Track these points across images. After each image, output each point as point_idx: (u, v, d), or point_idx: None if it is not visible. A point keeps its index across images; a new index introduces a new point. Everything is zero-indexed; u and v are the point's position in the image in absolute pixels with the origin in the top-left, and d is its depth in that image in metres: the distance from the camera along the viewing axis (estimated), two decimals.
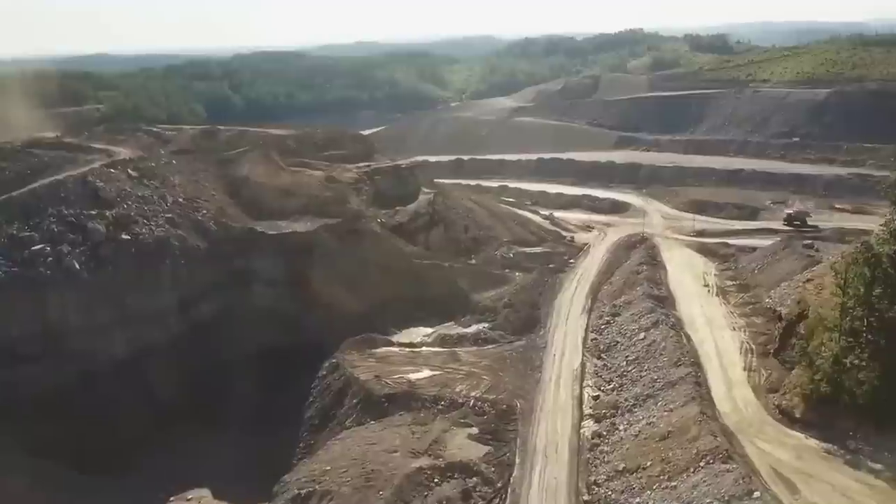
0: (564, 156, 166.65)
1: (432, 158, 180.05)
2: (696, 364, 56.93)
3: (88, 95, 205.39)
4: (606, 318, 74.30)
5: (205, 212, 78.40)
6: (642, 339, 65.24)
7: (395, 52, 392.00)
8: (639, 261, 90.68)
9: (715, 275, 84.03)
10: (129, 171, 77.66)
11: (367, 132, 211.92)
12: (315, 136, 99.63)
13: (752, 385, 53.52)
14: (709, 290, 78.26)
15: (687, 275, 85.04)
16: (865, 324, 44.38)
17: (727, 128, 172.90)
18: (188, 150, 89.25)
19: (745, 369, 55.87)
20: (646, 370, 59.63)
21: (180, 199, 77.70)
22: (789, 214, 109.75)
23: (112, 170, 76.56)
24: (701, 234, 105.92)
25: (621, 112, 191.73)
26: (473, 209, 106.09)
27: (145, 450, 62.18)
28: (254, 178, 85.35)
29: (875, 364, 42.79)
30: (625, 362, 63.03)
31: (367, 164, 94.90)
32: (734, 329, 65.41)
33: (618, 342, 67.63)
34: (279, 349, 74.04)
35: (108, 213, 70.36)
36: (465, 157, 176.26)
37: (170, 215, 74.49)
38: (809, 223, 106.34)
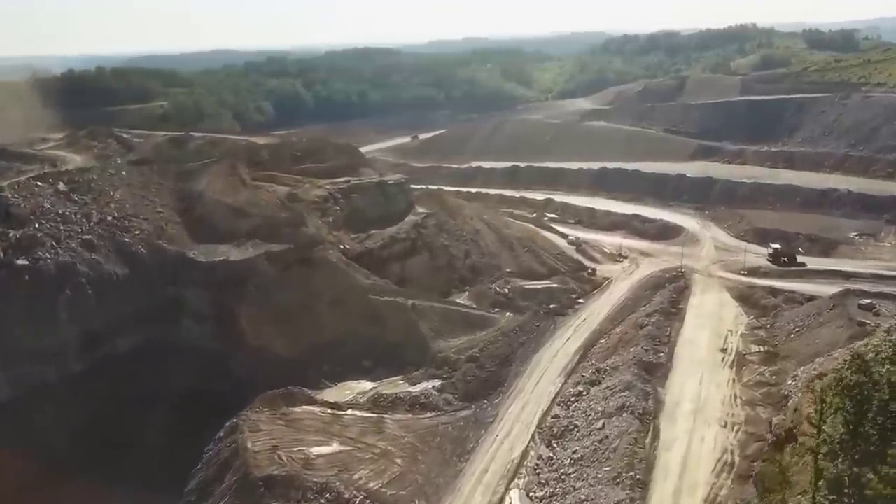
0: (631, 166, 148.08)
1: (487, 164, 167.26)
2: (642, 486, 41.70)
3: (158, 92, 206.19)
4: (581, 388, 59.45)
5: (138, 232, 69.77)
6: (599, 430, 50.33)
7: (490, 48, 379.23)
8: (655, 307, 74.45)
9: (742, 334, 66.76)
10: (60, 184, 70.11)
11: (428, 134, 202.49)
12: (294, 147, 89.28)
13: None
14: (724, 358, 61.48)
15: (706, 331, 68.17)
16: (847, 488, 28.38)
17: (826, 139, 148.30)
18: (149, 160, 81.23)
19: (705, 502, 40.10)
20: (583, 479, 45.08)
21: (110, 218, 69.41)
22: (776, 250, 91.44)
23: (39, 183, 69.35)
24: (752, 272, 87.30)
25: (704, 118, 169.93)
26: (480, 232, 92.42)
27: None
28: (209, 195, 76.06)
29: None
30: (569, 460, 48.48)
31: (346, 179, 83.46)
32: (726, 425, 49.28)
33: (576, 427, 52.91)
34: (202, 393, 64.56)
35: (11, 234, 62.68)
36: (522, 164, 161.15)
37: (88, 237, 66.17)
38: (798, 260, 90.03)
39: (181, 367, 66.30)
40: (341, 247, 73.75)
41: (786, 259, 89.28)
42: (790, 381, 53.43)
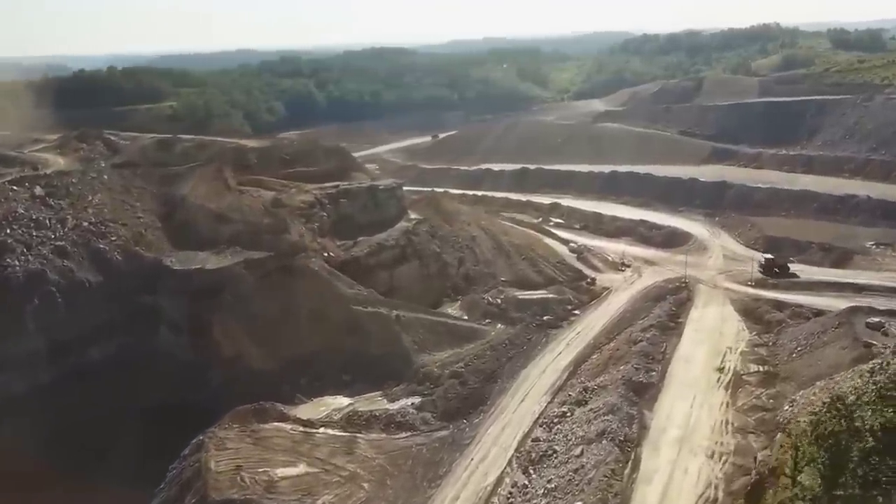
0: (643, 169, 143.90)
1: (496, 167, 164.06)
2: None
3: (169, 93, 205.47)
4: (567, 408, 56.18)
5: (114, 238, 67.78)
6: (577, 457, 47.07)
7: (509, 48, 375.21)
8: (652, 321, 70.90)
9: (742, 352, 63.00)
10: (37, 188, 68.29)
11: (442, 135, 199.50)
12: (283, 150, 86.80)
13: None
14: (719, 378, 57.84)
15: (704, 348, 64.50)
16: None
17: (846, 142, 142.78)
18: (134, 163, 79.28)
19: None
20: None
21: (86, 223, 67.46)
22: (768, 260, 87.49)
23: (15, 187, 67.55)
24: (760, 283, 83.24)
25: (720, 120, 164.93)
26: (477, 238, 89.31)
27: None
28: (192, 199, 73.93)
29: None
30: (543, 489, 45.32)
31: (335, 183, 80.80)
32: (713, 455, 45.74)
33: (555, 452, 49.67)
34: (177, 406, 62.34)
35: None
36: (532, 167, 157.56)
37: (61, 243, 64.25)
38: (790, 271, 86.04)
39: (156, 378, 64.23)
40: (325, 254, 71.11)
41: (777, 270, 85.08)
42: (787, 407, 49.76)
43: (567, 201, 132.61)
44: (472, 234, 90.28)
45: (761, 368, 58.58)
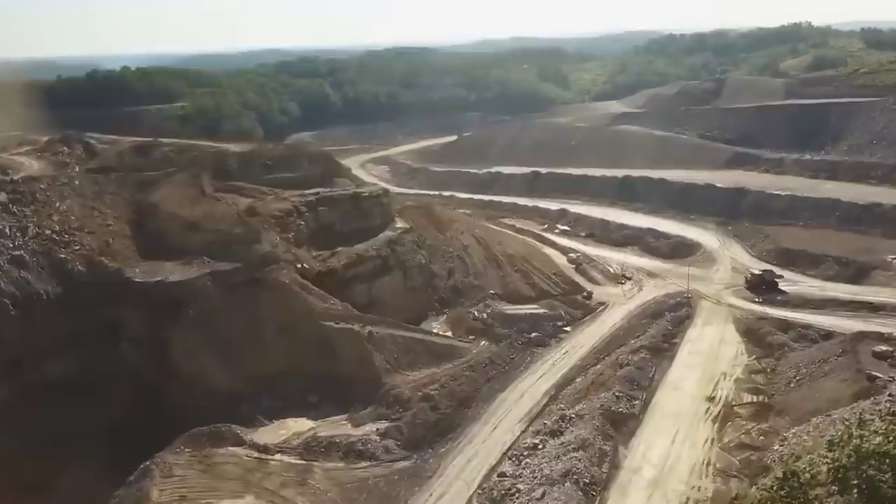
0: (657, 174, 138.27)
1: (506, 170, 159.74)
2: None
3: (182, 93, 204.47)
4: (540, 439, 51.83)
5: (78, 248, 64.89)
6: (537, 501, 42.77)
7: (535, 48, 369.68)
8: (644, 341, 66.25)
9: (737, 379, 58.06)
10: (2, 194, 65.81)
11: (452, 137, 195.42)
12: (265, 156, 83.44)
13: None
14: (708, 409, 53.09)
15: (696, 374, 59.69)
16: None
17: (874, 147, 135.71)
18: (110, 168, 76.71)
19: None
20: None
21: (49, 231, 64.70)
22: (753, 275, 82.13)
23: None
24: (767, 301, 77.84)
25: (742, 123, 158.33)
26: (469, 248, 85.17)
27: None
28: (164, 207, 71.01)
29: None
30: None
31: (316, 190, 77.20)
32: (687, 502, 41.10)
33: (518, 491, 45.39)
34: (134, 427, 59.28)
35: None
36: (543, 171, 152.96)
37: (19, 253, 61.48)
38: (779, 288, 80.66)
39: (115, 396, 61.35)
40: (299, 266, 67.54)
41: (765, 287, 79.67)
42: (777, 446, 45.00)
43: (577, 207, 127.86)
44: (465, 244, 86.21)
45: (755, 399, 53.68)
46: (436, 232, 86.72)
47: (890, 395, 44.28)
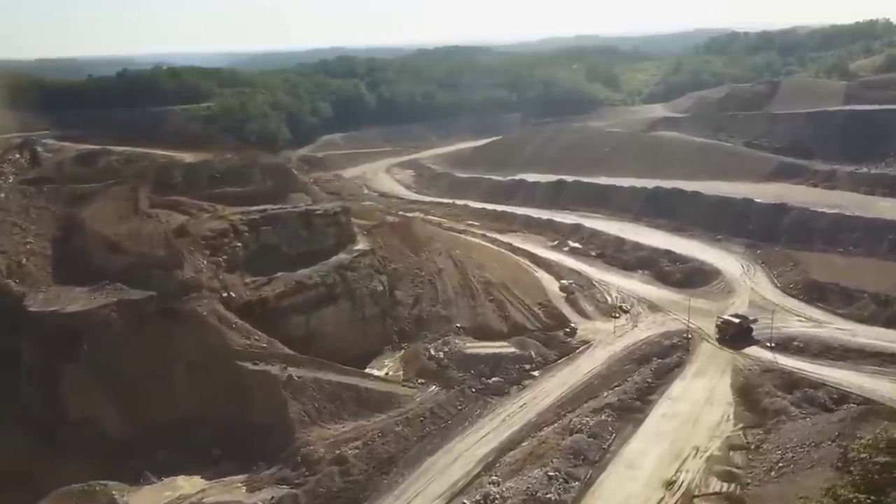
0: (691, 186, 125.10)
1: (531, 177, 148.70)
2: None
3: (212, 93, 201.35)
4: None
5: None
6: None
7: (589, 46, 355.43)
8: (612, 398, 55.92)
9: (710, 457, 47.16)
10: None
11: (482, 142, 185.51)
12: (214, 168, 76.24)
13: None
14: (662, 500, 42.64)
15: (662, 445, 49.09)
16: None
17: None
18: (47, 179, 71.01)
19: None
20: None
21: None
22: (726, 322, 68.88)
23: None
24: (783, 345, 65.89)
25: (793, 130, 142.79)
26: (444, 272, 76.02)
27: None
28: (91, 224, 64.69)
29: None
30: None
31: (263, 207, 69.45)
32: None
33: None
34: (25, 474, 52.99)
35: None
36: (569, 179, 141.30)
37: None
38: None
39: (9, 438, 55.15)
40: (224, 294, 59.93)
41: (731, 337, 67.46)
42: None
43: (595, 222, 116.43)
44: (440, 267, 77.09)
45: (723, 489, 42.90)
46: (409, 253, 77.97)
47: None
